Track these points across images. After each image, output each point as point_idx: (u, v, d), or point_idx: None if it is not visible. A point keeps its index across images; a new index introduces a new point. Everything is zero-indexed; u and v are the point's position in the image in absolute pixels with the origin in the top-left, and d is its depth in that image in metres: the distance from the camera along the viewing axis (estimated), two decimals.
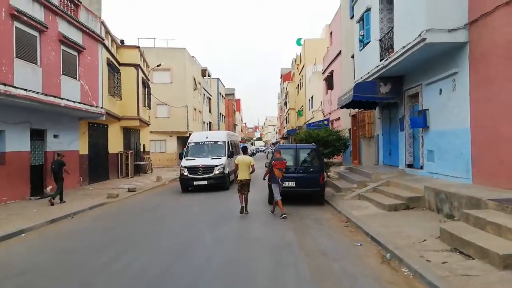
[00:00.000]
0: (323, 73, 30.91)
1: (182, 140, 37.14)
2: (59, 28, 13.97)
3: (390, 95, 13.33)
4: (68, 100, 14.18)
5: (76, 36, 15.20)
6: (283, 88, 70.98)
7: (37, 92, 12.26)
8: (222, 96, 64.41)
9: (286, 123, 61.84)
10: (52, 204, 11.83)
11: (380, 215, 9.10)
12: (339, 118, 24.16)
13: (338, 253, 6.40)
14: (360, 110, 18.09)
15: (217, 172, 15.73)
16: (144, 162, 25.66)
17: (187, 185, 15.86)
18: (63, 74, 14.29)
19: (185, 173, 15.73)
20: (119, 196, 14.55)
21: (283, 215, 9.51)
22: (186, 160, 16.38)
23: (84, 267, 5.94)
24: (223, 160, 16.18)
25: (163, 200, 13.76)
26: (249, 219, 9.60)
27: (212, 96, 54.14)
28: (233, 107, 79.27)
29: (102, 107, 17.43)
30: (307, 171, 11.44)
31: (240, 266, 5.82)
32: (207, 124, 48.67)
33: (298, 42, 45.18)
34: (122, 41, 22.66)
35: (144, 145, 27.16)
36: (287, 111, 59.89)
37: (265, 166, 11.34)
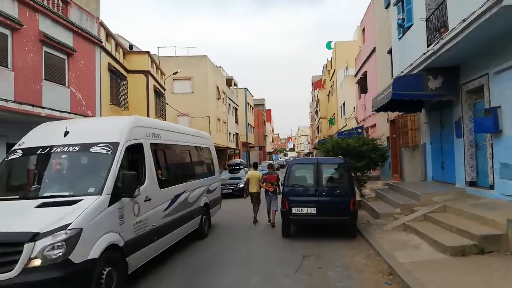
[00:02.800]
0: (355, 75, 27.86)
1: None
2: (40, 27, 12.07)
3: (442, 91, 10.23)
4: (52, 109, 12.18)
5: (64, 37, 13.29)
6: (314, 96, 68.03)
7: (6, 100, 10.29)
8: (251, 106, 62.26)
9: (318, 132, 58.71)
10: None
11: (439, 263, 6.09)
12: (374, 125, 21.02)
13: None
14: (401, 113, 14.96)
15: (37, 262, 4.31)
16: None
17: None
18: (45, 79, 12.34)
19: None
20: None
21: (271, 222, 10.51)
22: None
23: None
24: (88, 210, 4.95)
25: None
26: (250, 265, 6.88)
27: (239, 106, 52.05)
28: (263, 118, 76.90)
29: None
30: (332, 193, 8.59)
31: None
32: (233, 135, 46.47)
33: (328, 45, 42.25)
34: (130, 46, 20.88)
35: None
36: (319, 120, 56.87)
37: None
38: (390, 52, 16.65)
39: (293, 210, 8.56)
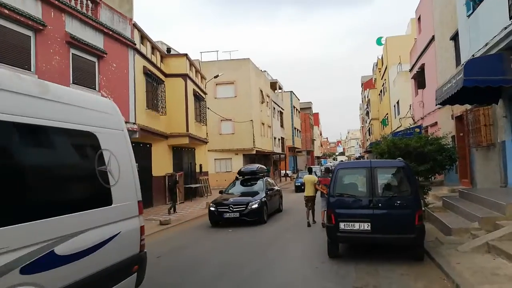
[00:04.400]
0: (410, 70, 25.33)
1: (249, 157, 34.04)
2: (67, 28, 11.53)
3: None
4: None
5: (93, 38, 12.73)
6: (364, 97, 64.78)
7: None
8: (297, 110, 60.54)
9: (369, 135, 55.55)
10: (170, 213, 15.06)
11: None
12: (435, 123, 18.56)
13: None
14: (470, 107, 12.70)
15: None
16: (199, 185, 22.70)
17: None
18: (73, 83, 11.76)
19: None
20: None
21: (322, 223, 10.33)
22: None
23: None
24: None
25: (187, 243, 10.12)
26: None
27: (285, 110, 50.58)
28: (310, 121, 74.69)
29: (134, 123, 14.73)
30: (391, 205, 6.85)
31: None
32: (279, 139, 45.05)
33: (379, 41, 39.62)
34: (168, 50, 20.28)
35: (201, 165, 24.35)
36: (370, 122, 53.80)
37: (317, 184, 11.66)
38: (453, 38, 14.45)
39: (341, 225, 6.93)
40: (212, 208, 12.29)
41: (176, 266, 7.44)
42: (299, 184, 24.23)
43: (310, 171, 13.42)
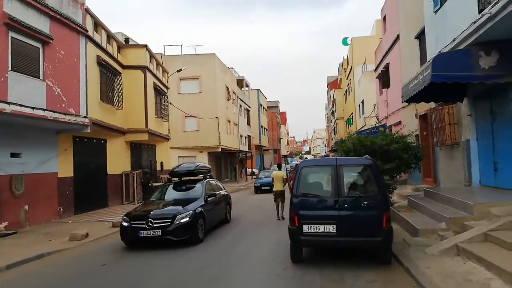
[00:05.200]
0: (375, 70, 25.47)
1: (214, 155, 33.18)
2: (5, 8, 10.27)
3: (498, 71, 7.88)
4: (21, 105, 10.35)
5: (38, 22, 11.49)
6: (330, 97, 65.50)
7: None
8: (264, 108, 60.20)
9: (334, 134, 56.20)
10: None
11: None
12: (399, 123, 18.59)
13: None
14: (434, 106, 12.61)
15: None
16: (159, 183, 21.59)
17: None
18: (12, 70, 10.52)
19: None
20: (89, 236, 10.39)
21: None
22: None
23: None
24: None
25: (136, 250, 9.20)
26: None
27: (252, 108, 50.01)
28: (278, 120, 74.67)
29: (86, 116, 13.56)
30: (357, 205, 6.36)
31: None
32: (246, 137, 44.42)
33: (344, 41, 39.88)
34: (126, 40, 19.10)
35: (162, 163, 23.24)
36: (335, 121, 54.39)
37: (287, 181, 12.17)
38: (418, 36, 14.41)
39: (305, 228, 6.36)
40: (124, 224, 8.89)
41: (116, 279, 6.59)
42: (259, 184, 23.66)
43: (279, 167, 14.15)
